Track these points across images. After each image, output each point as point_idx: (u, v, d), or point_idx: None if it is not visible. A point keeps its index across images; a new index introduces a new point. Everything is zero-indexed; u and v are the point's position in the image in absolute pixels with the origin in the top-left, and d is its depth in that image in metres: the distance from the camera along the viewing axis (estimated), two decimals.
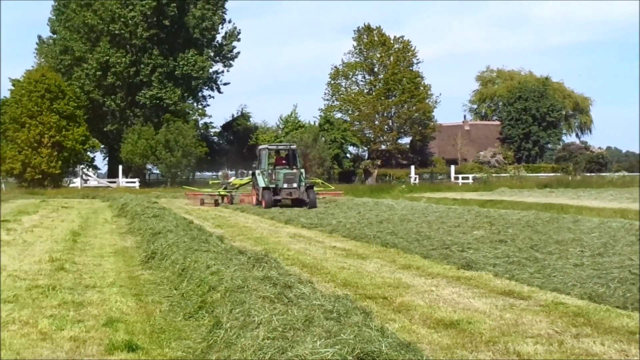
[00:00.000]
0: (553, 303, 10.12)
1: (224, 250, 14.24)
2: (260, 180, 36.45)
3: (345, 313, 8.27)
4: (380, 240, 18.34)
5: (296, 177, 36.29)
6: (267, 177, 36.53)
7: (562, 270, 12.62)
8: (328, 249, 17.47)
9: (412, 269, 13.82)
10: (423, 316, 9.48)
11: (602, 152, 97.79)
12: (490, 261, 14.01)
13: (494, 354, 7.63)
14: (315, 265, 14.36)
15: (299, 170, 37.19)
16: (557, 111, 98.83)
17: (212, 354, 7.49)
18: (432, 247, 16.43)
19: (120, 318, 9.63)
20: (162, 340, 8.54)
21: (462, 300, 10.54)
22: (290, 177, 36.09)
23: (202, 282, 10.89)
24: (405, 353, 6.56)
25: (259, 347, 6.78)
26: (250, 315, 7.99)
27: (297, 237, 20.56)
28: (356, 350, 6.43)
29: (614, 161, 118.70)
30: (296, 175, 36.40)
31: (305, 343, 6.65)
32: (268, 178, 36.46)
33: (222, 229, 23.53)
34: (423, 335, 8.43)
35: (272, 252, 15.59)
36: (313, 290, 9.83)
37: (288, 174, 36.25)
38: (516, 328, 8.77)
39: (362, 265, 14.37)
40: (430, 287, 11.61)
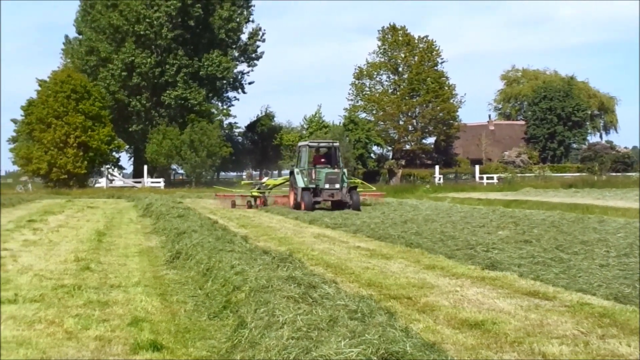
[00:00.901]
0: (578, 304, 10.07)
1: (248, 250, 14.26)
2: (299, 180, 33.92)
3: (369, 313, 8.26)
4: (405, 241, 18.30)
5: (339, 177, 33.62)
6: (306, 177, 34.01)
7: (588, 271, 12.56)
8: (352, 249, 17.46)
9: (436, 269, 13.79)
10: (447, 316, 9.45)
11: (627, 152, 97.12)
12: (515, 261, 13.94)
13: (519, 355, 7.60)
14: (339, 266, 14.35)
15: (341, 170, 34.47)
16: (582, 111, 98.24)
17: (237, 354, 7.50)
18: (457, 248, 16.39)
19: (145, 317, 9.66)
20: (186, 339, 8.56)
21: (486, 300, 10.50)
22: (332, 177, 33.43)
23: (226, 281, 10.91)
24: (429, 353, 6.54)
25: (284, 347, 6.78)
26: (274, 315, 7.99)
27: (321, 237, 20.55)
28: (380, 350, 6.42)
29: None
30: (339, 175, 33.70)
31: (329, 343, 6.65)
32: (308, 178, 33.92)
33: (246, 229, 23.56)
34: (447, 336, 8.40)
35: (296, 252, 15.60)
36: (337, 290, 9.82)
37: (330, 174, 33.52)
38: (541, 329, 8.72)
39: (386, 266, 14.35)
40: (455, 288, 11.57)
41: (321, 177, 33.44)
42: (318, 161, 35.49)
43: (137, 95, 78.74)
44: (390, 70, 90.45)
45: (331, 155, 35.90)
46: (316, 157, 35.97)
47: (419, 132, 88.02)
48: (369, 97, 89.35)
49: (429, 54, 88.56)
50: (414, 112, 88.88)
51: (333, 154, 35.69)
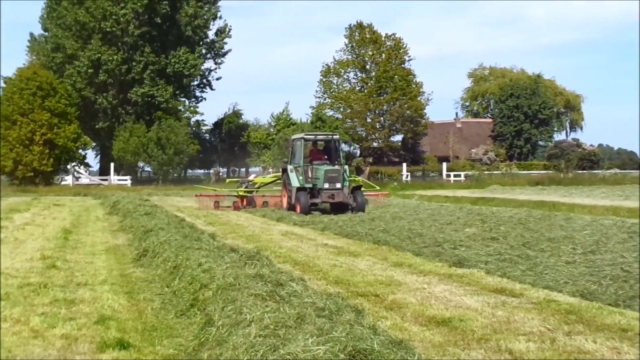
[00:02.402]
0: (545, 301, 10.13)
1: (215, 248, 14.22)
2: (294, 179, 29.76)
3: (337, 311, 8.26)
4: (372, 238, 18.34)
5: (340, 176, 29.22)
6: (301, 175, 29.61)
7: (554, 268, 12.64)
8: (320, 246, 17.46)
9: (404, 266, 13.82)
10: (415, 314, 9.47)
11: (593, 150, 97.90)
12: (482, 259, 14.01)
13: (485, 352, 7.62)
14: (307, 263, 14.35)
15: (342, 167, 30.11)
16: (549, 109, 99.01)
17: (204, 352, 7.48)
18: (424, 245, 16.44)
19: (111, 316, 9.60)
20: (153, 338, 8.52)
21: (454, 297, 10.54)
22: (332, 175, 29.02)
23: (194, 279, 10.87)
24: (397, 351, 6.55)
25: (251, 345, 6.76)
26: (242, 313, 7.97)
27: (289, 235, 20.55)
28: (348, 348, 6.42)
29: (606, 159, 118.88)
30: (340, 173, 29.33)
31: (297, 341, 6.64)
32: (303, 176, 29.54)
33: (213, 226, 23.50)
34: (415, 333, 8.42)
35: (264, 250, 15.57)
36: (305, 288, 9.81)
37: (330, 171, 29.14)
38: (508, 326, 8.76)
39: (354, 263, 14.36)
40: (422, 285, 11.60)
41: (319, 175, 29.23)
42: (315, 157, 30.95)
43: (104, 92, 78.23)
44: (358, 68, 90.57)
45: (331, 149, 31.50)
46: (313, 152, 31.37)
47: (387, 130, 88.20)
48: (336, 94, 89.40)
49: (397, 51, 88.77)
50: (382, 110, 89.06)
51: (333, 148, 31.34)
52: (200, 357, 7.46)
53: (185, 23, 79.99)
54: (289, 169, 30.33)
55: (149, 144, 74.08)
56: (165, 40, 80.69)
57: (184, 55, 78.50)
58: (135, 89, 77.57)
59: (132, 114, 79.54)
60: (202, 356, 7.42)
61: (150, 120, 77.39)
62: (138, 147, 74.34)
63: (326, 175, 28.95)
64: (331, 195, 28.95)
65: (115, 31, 76.20)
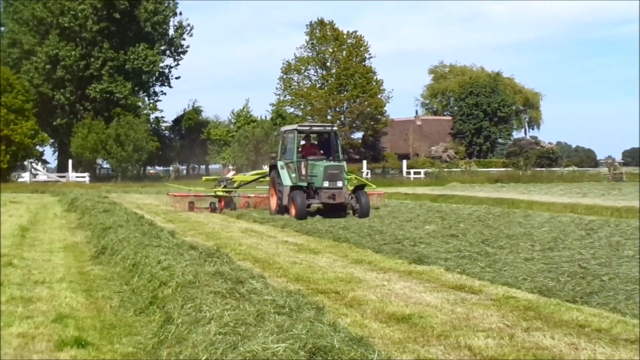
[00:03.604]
0: (504, 297, 10.18)
1: (175, 246, 14.13)
2: (285, 177, 26.06)
3: (297, 308, 8.24)
4: (333, 235, 18.36)
5: (342, 173, 25.52)
6: (294, 172, 26.03)
7: (513, 265, 12.72)
8: (280, 243, 17.44)
9: (364, 263, 13.84)
10: (375, 311, 9.48)
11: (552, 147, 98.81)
12: (442, 255, 14.07)
13: (445, 348, 7.64)
14: (267, 260, 14.32)
15: (343, 164, 26.52)
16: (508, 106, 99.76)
17: (163, 350, 7.43)
18: (384, 242, 16.47)
19: (69, 314, 9.51)
20: (112, 336, 8.45)
21: (413, 294, 10.56)
22: (334, 172, 25.18)
23: (153, 277, 10.79)
24: (357, 348, 6.54)
25: (211, 343, 6.73)
26: (201, 311, 7.93)
27: (249, 232, 20.50)
28: (308, 345, 6.40)
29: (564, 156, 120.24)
30: (342, 170, 25.63)
31: (256, 338, 6.62)
32: (296, 173, 25.94)
33: (173, 224, 23.38)
34: (375, 330, 8.42)
35: (223, 247, 15.54)
36: (265, 285, 9.78)
37: (331, 167, 25.32)
38: (467, 322, 8.80)
39: (314, 260, 14.36)
40: (382, 282, 11.62)
41: (317, 172, 25.39)
42: (309, 151, 27.17)
43: (62, 88, 77.62)
44: (319, 65, 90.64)
45: (327, 143, 27.82)
46: (307, 147, 27.56)
47: (347, 127, 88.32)
48: (297, 91, 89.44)
49: (357, 49, 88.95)
50: (342, 107, 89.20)
51: (332, 142, 27.46)
52: (159, 355, 7.40)
53: (144, 19, 79.61)
54: (279, 165, 26.54)
55: (107, 140, 73.60)
56: (124, 36, 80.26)
57: (143, 52, 78.12)
58: (93, 85, 77.07)
59: (90, 110, 78.98)
60: (161, 354, 7.37)
61: (109, 116, 76.95)
62: (96, 143, 73.82)
63: (326, 172, 25.08)
64: (332, 196, 25.03)
65: (73, 27, 75.61)
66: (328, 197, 24.96)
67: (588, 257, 13.54)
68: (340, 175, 25.22)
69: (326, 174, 24.96)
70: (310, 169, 25.74)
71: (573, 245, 15.50)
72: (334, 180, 25.03)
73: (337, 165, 25.57)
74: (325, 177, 24.92)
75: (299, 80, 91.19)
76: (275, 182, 26.94)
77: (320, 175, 25.02)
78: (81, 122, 76.71)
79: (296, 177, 25.81)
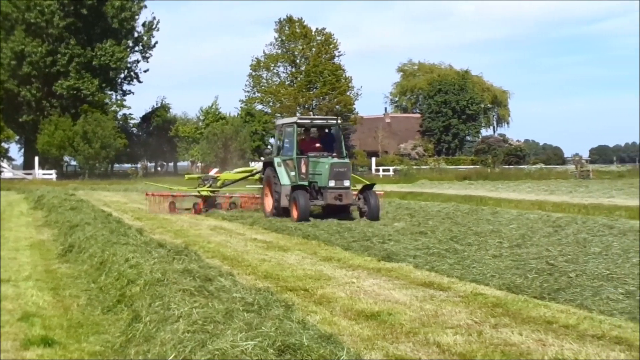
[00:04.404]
0: (472, 294, 10.22)
1: (143, 243, 14.06)
2: (283, 175, 23.66)
3: (266, 305, 8.23)
4: (302, 233, 18.34)
5: (349, 171, 23.38)
6: (293, 170, 23.61)
7: (481, 262, 12.78)
8: (249, 241, 17.40)
9: (333, 261, 13.84)
10: (344, 308, 9.48)
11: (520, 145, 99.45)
12: (411, 253, 14.10)
13: (414, 345, 7.65)
14: (236, 258, 14.29)
15: (349, 161, 24.89)
16: (476, 104, 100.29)
17: (131, 348, 7.38)
18: (353, 239, 16.48)
19: (36, 312, 9.44)
20: (79, 334, 8.39)
21: (382, 291, 10.57)
22: (340, 171, 22.69)
23: (120, 275, 10.74)
24: (326, 345, 6.53)
25: (179, 341, 6.69)
26: (169, 309, 7.89)
27: (217, 230, 20.45)
28: (277, 342, 6.39)
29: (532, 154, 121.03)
30: (349, 168, 23.55)
31: (225, 336, 6.59)
32: (296, 172, 23.51)
33: (141, 221, 23.28)
34: (344, 327, 8.42)
35: (192, 245, 15.51)
36: (234, 283, 9.76)
37: (337, 165, 22.74)
38: (436, 319, 8.82)
39: (284, 258, 14.34)
40: (351, 279, 11.62)
41: (321, 170, 22.88)
42: (308, 147, 24.43)
43: (28, 84, 76.88)
44: (288, 62, 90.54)
45: (331, 138, 25.27)
46: (306, 142, 24.84)
47: None
48: (266, 89, 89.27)
49: (327, 46, 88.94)
50: (311, 105, 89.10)
51: (335, 137, 25.20)
52: (127, 354, 7.36)
53: (111, 15, 79.04)
54: (276, 162, 24.02)
55: (74, 137, 73.05)
56: (92, 32, 79.62)
57: (110, 48, 77.59)
58: (60, 82, 76.42)
59: (57, 107, 78.38)
60: (129, 353, 7.32)
61: (76, 113, 76.35)
62: (63, 140, 73.28)
63: (332, 170, 22.49)
64: (338, 196, 22.48)
65: (39, 22, 74.94)
66: (334, 198, 22.44)
67: (555, 253, 13.64)
68: (347, 173, 22.95)
69: (332, 172, 22.44)
70: (312, 166, 23.31)
71: (541, 242, 15.62)
72: (341, 179, 22.56)
73: (344, 163, 23.27)
74: (331, 175, 22.40)
75: (268, 77, 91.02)
76: (271, 181, 24.12)
77: (326, 174, 22.50)
78: (48, 119, 76.07)
79: (296, 176, 23.41)
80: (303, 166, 23.43)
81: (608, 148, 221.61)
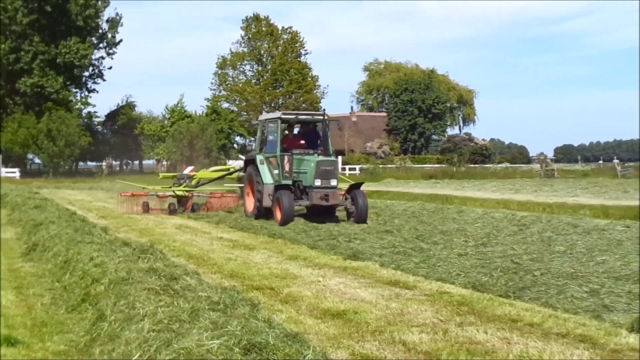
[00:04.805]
0: (438, 292, 10.26)
1: (108, 242, 13.98)
2: (266, 173, 22.39)
3: (231, 304, 8.21)
4: (268, 231, 18.34)
5: (336, 169, 22.10)
6: (276, 168, 22.24)
7: (447, 260, 12.84)
8: (215, 240, 17.37)
9: (299, 259, 13.84)
10: (310, 307, 9.48)
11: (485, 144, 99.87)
12: (377, 251, 14.14)
13: (380, 344, 7.67)
14: (201, 257, 14.26)
15: (336, 159, 24.07)
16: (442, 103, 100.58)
17: (96, 348, 7.34)
18: (319, 238, 16.51)
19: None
20: (43, 334, 8.34)
21: (348, 290, 10.58)
22: (327, 169, 21.44)
23: (85, 274, 10.67)
24: (292, 344, 6.53)
25: (144, 340, 6.66)
26: (135, 308, 7.85)
27: (183, 228, 20.38)
28: (243, 341, 6.37)
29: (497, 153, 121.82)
30: (336, 166, 22.28)
31: (191, 335, 6.57)
32: (280, 170, 22.12)
33: (106, 220, 23.14)
34: (310, 326, 8.42)
35: (157, 244, 15.43)
36: (199, 281, 9.73)
37: (324, 163, 21.53)
38: (402, 317, 8.84)
39: (250, 257, 14.32)
40: (317, 278, 11.63)
41: (307, 169, 21.72)
42: (292, 144, 23.11)
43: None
44: (254, 61, 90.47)
45: (317, 134, 23.68)
46: (289, 138, 23.47)
47: None
48: (232, 87, 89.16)
49: (293, 45, 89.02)
50: (277, 103, 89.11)
51: (321, 133, 23.51)
52: (91, 353, 7.32)
53: (76, 12, 78.44)
54: (259, 159, 22.71)
55: (38, 135, 72.51)
56: (56, 29, 79.01)
57: (75, 46, 77.06)
58: (24, 79, 75.83)
59: (20, 104, 77.79)
60: (94, 352, 7.28)
61: (40, 111, 75.83)
62: (27, 138, 72.76)
63: (318, 169, 21.27)
64: (324, 196, 21.16)
65: (2, 19, 74.32)
66: (320, 198, 21.11)
67: (520, 252, 13.74)
68: (334, 172, 21.65)
69: (318, 170, 21.20)
70: (296, 164, 22.08)
71: (506, 240, 15.72)
72: (328, 178, 21.29)
73: (331, 161, 22.06)
74: (317, 174, 21.16)
75: (234, 75, 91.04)
76: (253, 179, 22.88)
77: (311, 172, 21.29)
78: (11, 117, 75.55)
79: (279, 174, 22.04)
80: (287, 164, 22.11)
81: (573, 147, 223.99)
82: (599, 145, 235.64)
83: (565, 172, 70.56)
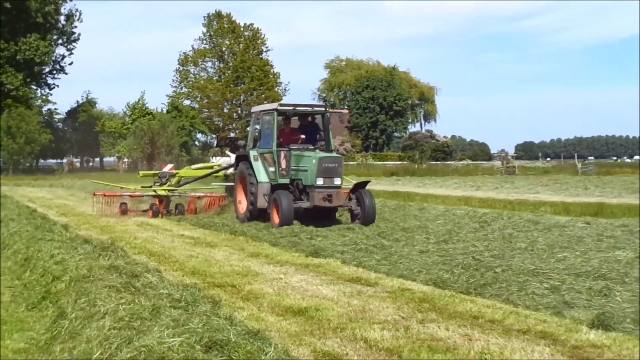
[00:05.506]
0: (399, 289, 10.29)
1: (68, 239, 13.92)
2: (261, 171, 20.34)
3: (193, 302, 8.20)
4: (229, 229, 18.29)
5: (340, 167, 19.57)
6: (273, 166, 20.24)
7: (408, 257, 12.88)
8: (176, 237, 17.31)
9: (260, 256, 13.83)
10: (272, 304, 9.48)
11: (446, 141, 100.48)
12: (338, 248, 14.16)
13: (341, 341, 7.68)
14: (163, 254, 14.20)
15: (340, 155, 22.31)
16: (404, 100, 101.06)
17: (56, 345, 7.29)
18: (281, 235, 16.49)
19: None
20: (3, 332, 8.27)
21: (310, 287, 10.59)
22: (330, 166, 19.21)
23: (46, 271, 10.62)
24: (253, 341, 6.54)
25: (105, 338, 6.64)
26: (95, 305, 7.82)
27: (144, 226, 20.28)
28: (204, 339, 6.37)
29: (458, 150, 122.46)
30: (340, 163, 19.77)
31: (152, 332, 6.55)
32: (276, 167, 20.14)
33: (67, 217, 22.96)
34: (272, 323, 8.42)
35: (118, 241, 15.35)
36: (161, 279, 9.71)
37: (327, 160, 19.29)
38: (363, 314, 8.86)
39: (211, 254, 14.29)
40: (279, 275, 11.63)
41: (307, 166, 19.44)
42: (288, 138, 20.92)
43: None
44: (216, 58, 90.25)
45: (316, 128, 21.67)
46: (285, 132, 21.22)
47: (244, 120, 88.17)
48: (193, 84, 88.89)
49: (254, 42, 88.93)
50: (239, 100, 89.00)
51: (322, 127, 21.40)
52: (52, 351, 7.27)
53: (35, 9, 77.70)
54: (252, 156, 20.63)
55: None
56: (15, 26, 78.21)
57: (35, 42, 76.35)
58: None
59: None
60: (55, 350, 7.23)
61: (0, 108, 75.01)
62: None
63: (321, 166, 19.06)
64: (327, 197, 19.00)
65: None
66: (323, 199, 18.98)
67: (482, 249, 13.80)
68: (338, 170, 19.43)
69: (321, 168, 19.02)
70: (295, 161, 19.87)
71: (467, 237, 15.79)
72: (331, 176, 19.19)
73: (335, 158, 19.80)
74: (319, 172, 19.01)
75: (195, 72, 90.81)
76: (245, 178, 20.77)
77: (312, 170, 19.10)
78: None
79: (275, 172, 20.08)
80: (284, 161, 20.08)
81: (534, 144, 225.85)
82: (559, 142, 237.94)
83: (526, 169, 71.13)
